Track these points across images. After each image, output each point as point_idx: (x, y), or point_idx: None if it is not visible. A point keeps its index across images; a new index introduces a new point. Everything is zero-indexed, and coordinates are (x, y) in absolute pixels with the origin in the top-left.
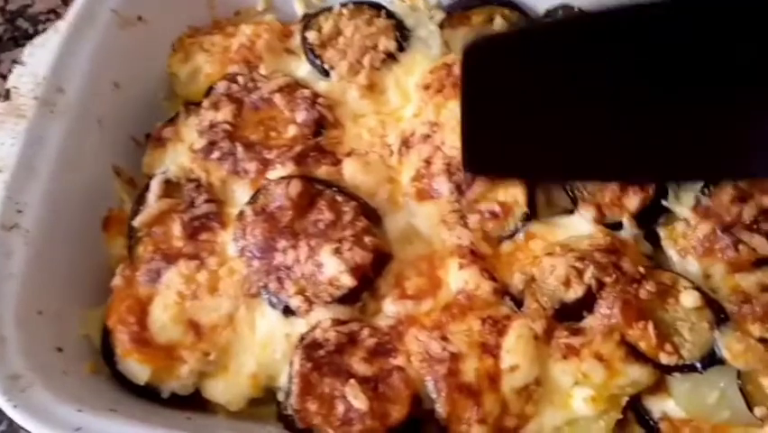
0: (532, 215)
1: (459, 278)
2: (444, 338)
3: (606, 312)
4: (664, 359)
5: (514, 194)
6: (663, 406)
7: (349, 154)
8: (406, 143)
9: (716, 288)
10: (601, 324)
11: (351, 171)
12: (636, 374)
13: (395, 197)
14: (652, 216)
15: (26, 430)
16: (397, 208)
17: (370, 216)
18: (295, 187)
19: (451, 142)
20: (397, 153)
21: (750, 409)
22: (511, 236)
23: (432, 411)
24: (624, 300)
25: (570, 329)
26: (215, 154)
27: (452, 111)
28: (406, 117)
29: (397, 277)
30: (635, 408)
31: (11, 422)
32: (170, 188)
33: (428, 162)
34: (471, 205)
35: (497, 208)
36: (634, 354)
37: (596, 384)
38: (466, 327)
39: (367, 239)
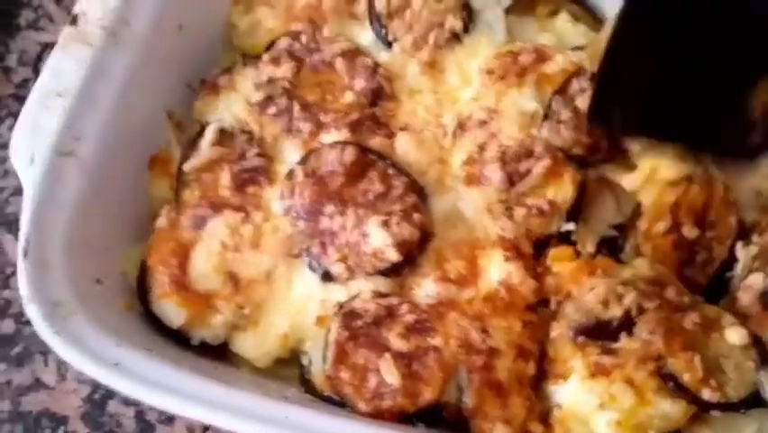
0: (575, 218)
1: (503, 269)
2: (485, 330)
3: (646, 337)
4: (707, 395)
5: (564, 194)
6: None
7: (403, 129)
8: (461, 126)
9: (761, 325)
10: (639, 348)
11: (404, 146)
12: (667, 408)
13: (444, 178)
14: None
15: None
16: (444, 190)
17: (419, 193)
18: (350, 154)
19: (508, 131)
20: (452, 135)
21: None
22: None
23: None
24: (668, 327)
25: (602, 348)
26: (272, 110)
27: (512, 100)
28: (462, 99)
29: (438, 257)
30: None
31: (26, 345)
32: (223, 137)
33: (482, 149)
34: (520, 198)
35: (545, 205)
36: (667, 388)
37: (623, 409)
38: (507, 325)
39: (415, 216)
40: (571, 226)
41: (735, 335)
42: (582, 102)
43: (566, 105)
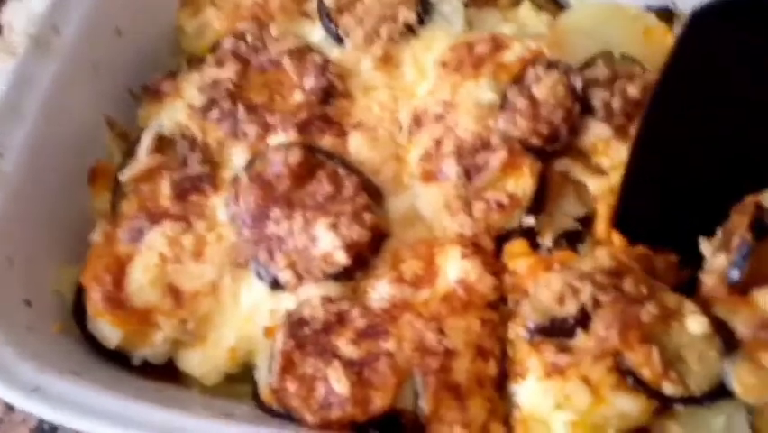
0: (537, 211)
1: (459, 267)
2: (441, 331)
3: (602, 333)
4: (668, 389)
5: (524, 186)
6: (665, 428)
7: (356, 127)
8: (417, 121)
9: (731, 310)
10: (595, 345)
11: (356, 145)
12: (625, 406)
13: (400, 176)
14: None
15: None
16: (402, 189)
17: (372, 193)
18: (294, 155)
19: (464, 124)
20: (407, 131)
21: None
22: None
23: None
24: (623, 321)
25: (558, 346)
26: (215, 113)
27: (468, 92)
28: (419, 94)
29: (394, 258)
30: None
31: None
32: (163, 144)
33: (438, 144)
34: (478, 192)
35: (504, 199)
36: (625, 383)
37: (579, 409)
38: (465, 325)
39: (366, 216)
40: (531, 220)
41: (695, 323)
42: (538, 90)
43: (522, 94)
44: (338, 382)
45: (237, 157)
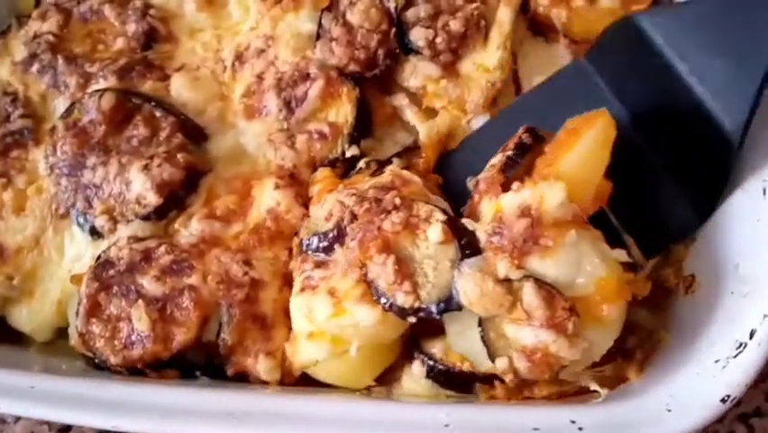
0: (361, 137)
1: (271, 198)
2: (248, 263)
3: (350, 245)
4: (400, 299)
5: (345, 114)
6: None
7: (179, 70)
8: (239, 58)
9: (478, 219)
10: (345, 258)
11: (178, 87)
12: (362, 317)
13: (225, 115)
14: None
15: None
16: (227, 127)
17: (193, 133)
18: (108, 100)
19: (283, 56)
20: (231, 69)
21: (492, 359)
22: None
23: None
24: (365, 231)
25: (316, 262)
26: (35, 67)
27: (289, 24)
28: (243, 32)
29: (209, 194)
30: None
31: None
32: None
33: (260, 78)
34: (301, 124)
35: (325, 128)
36: (371, 295)
37: (318, 321)
38: (272, 255)
39: (180, 156)
40: (354, 150)
41: (433, 231)
42: (352, 15)
43: (337, 20)
44: (139, 321)
45: (60, 109)
